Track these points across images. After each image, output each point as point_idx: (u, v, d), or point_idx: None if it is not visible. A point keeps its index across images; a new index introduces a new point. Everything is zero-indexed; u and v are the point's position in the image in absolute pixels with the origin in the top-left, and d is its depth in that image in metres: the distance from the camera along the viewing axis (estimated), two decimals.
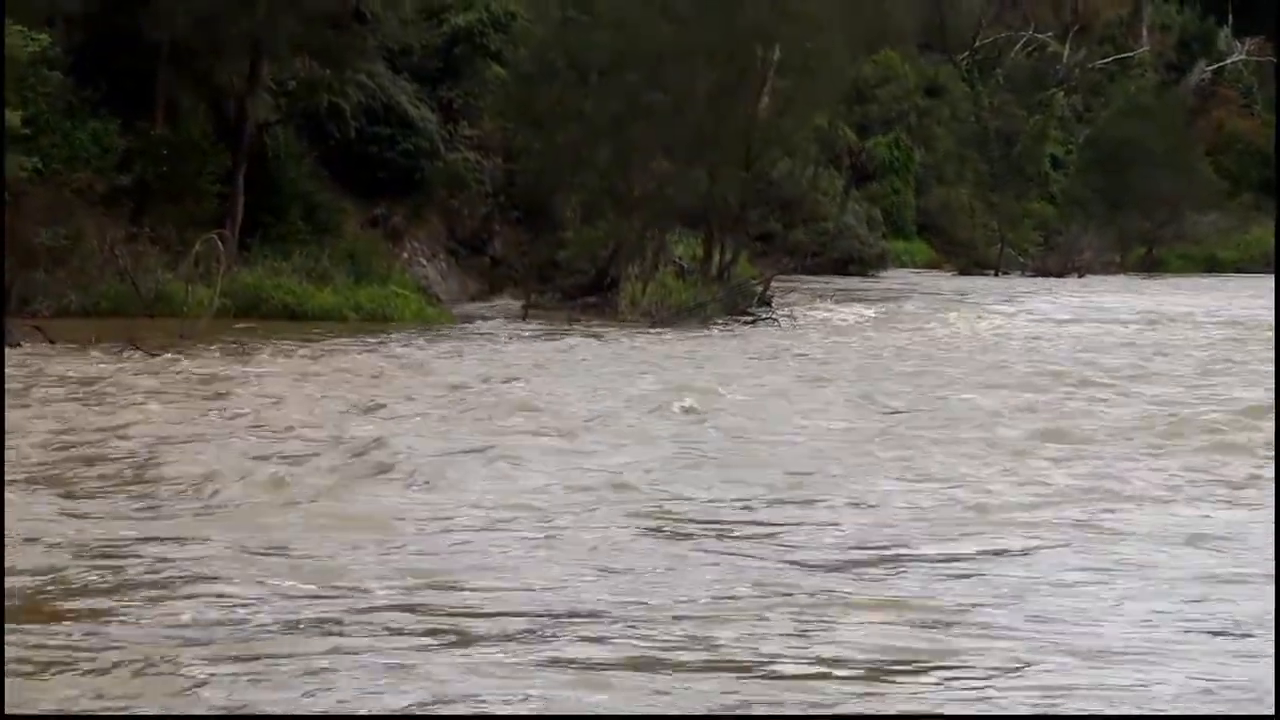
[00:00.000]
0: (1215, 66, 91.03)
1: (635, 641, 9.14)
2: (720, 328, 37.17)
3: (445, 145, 44.96)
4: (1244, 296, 50.93)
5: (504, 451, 16.12)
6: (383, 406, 19.85)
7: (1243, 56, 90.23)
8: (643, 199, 41.83)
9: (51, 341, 26.59)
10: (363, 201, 42.97)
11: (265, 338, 29.47)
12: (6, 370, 20.65)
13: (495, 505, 13.28)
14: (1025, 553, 11.88)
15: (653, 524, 12.68)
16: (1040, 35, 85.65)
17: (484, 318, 38.27)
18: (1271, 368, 27.05)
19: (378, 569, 10.81)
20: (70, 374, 22.79)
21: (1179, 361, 28.51)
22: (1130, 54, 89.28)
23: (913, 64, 76.84)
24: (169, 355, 25.60)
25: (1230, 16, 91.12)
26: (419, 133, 43.69)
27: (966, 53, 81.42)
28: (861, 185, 71.63)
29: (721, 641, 9.18)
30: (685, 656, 8.87)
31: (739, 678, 8.55)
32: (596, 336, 33.24)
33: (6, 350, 24.21)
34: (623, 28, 42.85)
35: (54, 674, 8.27)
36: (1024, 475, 15.32)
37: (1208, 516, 13.55)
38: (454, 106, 46.44)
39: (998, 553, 11.85)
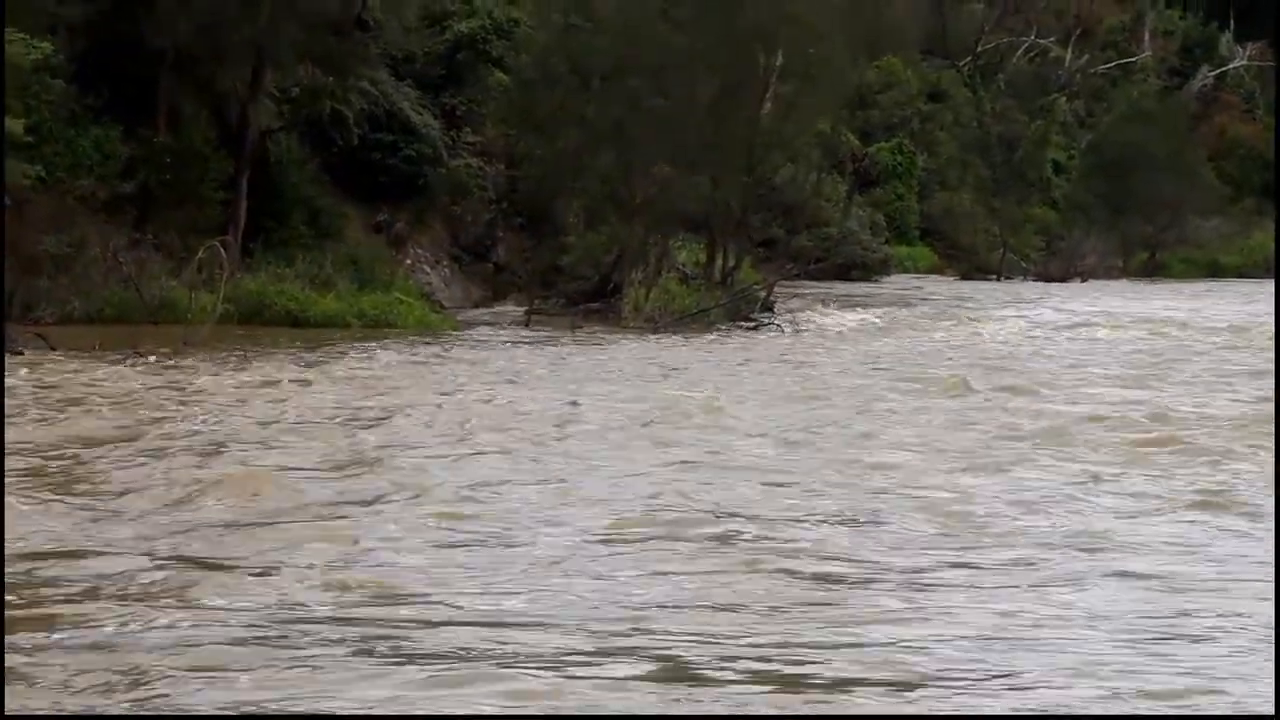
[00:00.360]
0: (1217, 72, 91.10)
1: (591, 651, 9.05)
2: (723, 334, 37.15)
3: (448, 151, 45.01)
4: (1244, 302, 50.90)
5: (473, 461, 15.99)
6: (359, 415, 19.73)
7: (1244, 62, 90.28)
8: (645, 205, 41.85)
9: (53, 348, 26.61)
10: (365, 208, 43.02)
11: (264, 344, 29.46)
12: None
13: (456, 516, 13.15)
14: (1005, 561, 11.78)
15: (618, 534, 12.50)
16: (1042, 40, 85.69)
17: (487, 324, 38.27)
18: (1249, 373, 27.16)
19: (329, 579, 10.69)
20: (65, 381, 22.78)
21: (1174, 369, 28.40)
22: (1132, 59, 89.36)
23: (915, 69, 76.90)
24: (165, 362, 25.56)
25: (1232, 22, 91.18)
26: (422, 139, 43.74)
27: (969, 58, 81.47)
28: (864, 191, 71.65)
29: (677, 651, 9.08)
30: (639, 667, 8.80)
31: (693, 686, 8.47)
32: (595, 343, 33.17)
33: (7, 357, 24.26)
34: (625, 33, 42.90)
35: None
36: (1009, 483, 15.18)
37: (1192, 522, 13.49)
38: (457, 113, 46.50)
39: (976, 563, 11.70)
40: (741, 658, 9.02)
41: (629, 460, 16.58)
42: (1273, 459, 16.59)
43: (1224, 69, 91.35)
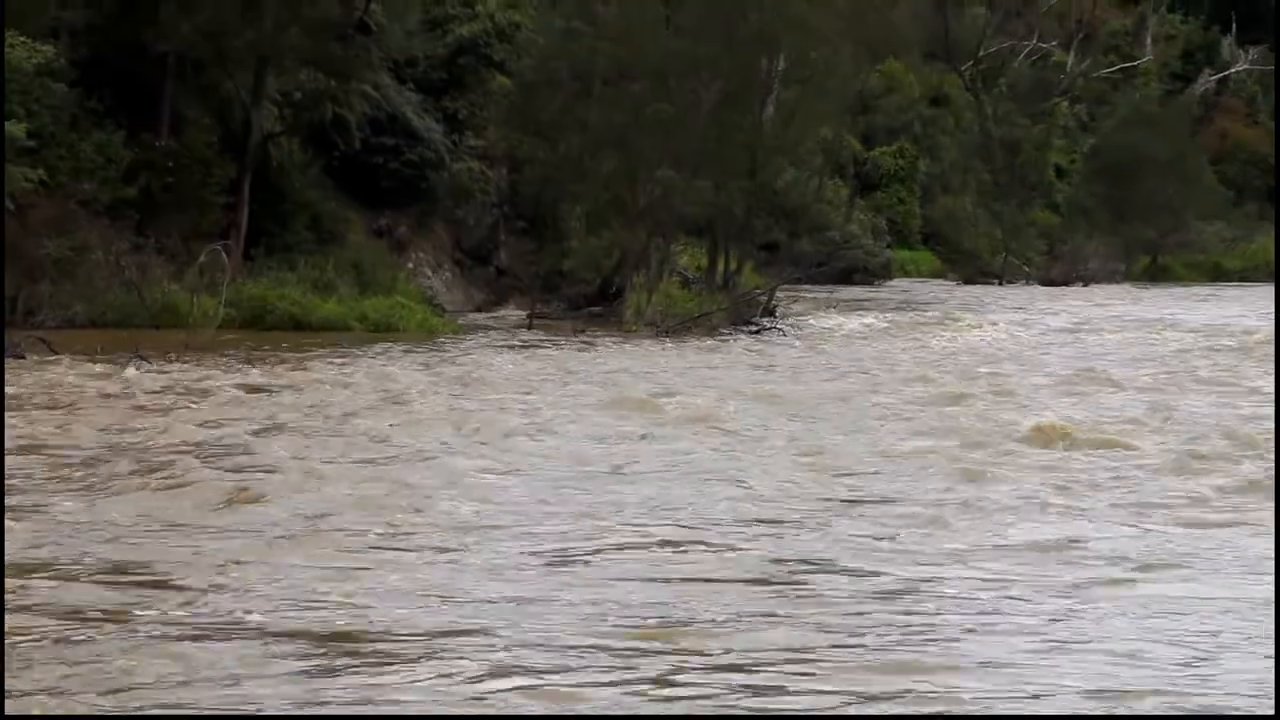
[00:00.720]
0: (1219, 76, 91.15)
1: (529, 664, 8.90)
2: (725, 337, 37.14)
3: (450, 155, 45.04)
4: (1244, 306, 50.85)
5: (433, 470, 15.70)
6: (327, 422, 19.46)
7: (1246, 66, 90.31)
8: (647, 209, 41.89)
9: (56, 353, 26.59)
10: (368, 212, 43.06)
11: (264, 349, 29.37)
12: None
13: (409, 524, 12.93)
14: (968, 570, 11.56)
15: (558, 548, 12.20)
16: (1044, 45, 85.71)
17: (488, 328, 38.23)
18: (1240, 377, 27.14)
19: (267, 590, 10.54)
20: (49, 386, 22.64)
21: (1169, 375, 28.27)
22: (1134, 63, 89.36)
23: (917, 74, 76.98)
24: (162, 367, 25.46)
25: (1234, 26, 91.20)
26: (424, 143, 43.78)
27: (970, 62, 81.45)
28: (866, 195, 71.76)
29: (632, 661, 8.92)
30: (591, 676, 8.67)
31: (644, 700, 8.33)
32: (592, 347, 32.95)
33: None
34: (627, 38, 42.92)
35: None
36: (977, 491, 14.94)
37: (1168, 530, 13.37)
38: (459, 117, 46.53)
39: (929, 577, 11.42)
40: (700, 669, 8.86)
41: (594, 466, 16.36)
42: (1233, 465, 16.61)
43: (1226, 73, 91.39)
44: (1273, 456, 16.70)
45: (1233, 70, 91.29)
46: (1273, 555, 11.84)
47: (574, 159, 43.77)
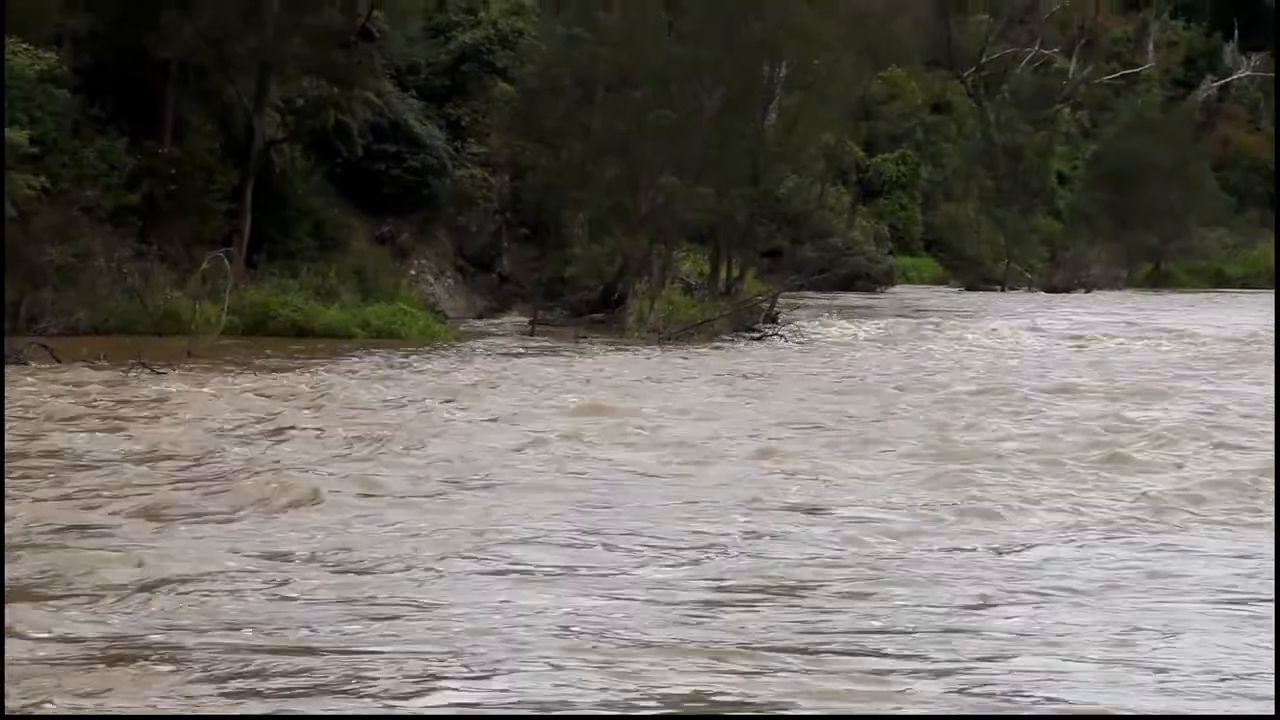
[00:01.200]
0: (1221, 82, 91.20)
1: (450, 680, 8.74)
2: (726, 344, 37.12)
3: (453, 162, 45.08)
4: (1244, 312, 50.81)
5: (362, 486, 15.26)
6: (288, 427, 19.26)
7: (1248, 72, 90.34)
8: (650, 216, 41.93)
9: (58, 360, 26.61)
10: (370, 219, 43.09)
11: (264, 355, 29.30)
12: None
13: (327, 542, 12.58)
14: (912, 586, 11.34)
15: (498, 560, 11.91)
16: (1046, 51, 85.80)
17: (490, 335, 38.21)
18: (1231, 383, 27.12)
19: (172, 604, 10.37)
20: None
21: (1162, 381, 28.20)
22: (1136, 70, 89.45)
23: (919, 81, 77.04)
24: (148, 373, 25.43)
25: (1236, 32, 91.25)
26: (426, 150, 43.81)
27: (973, 69, 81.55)
28: (868, 201, 71.83)
29: (529, 682, 8.70)
30: (507, 699, 8.49)
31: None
32: (583, 353, 32.85)
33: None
34: (629, 44, 42.99)
35: None
36: (957, 500, 14.80)
37: (1134, 539, 13.36)
38: (461, 124, 46.57)
39: (884, 583, 11.32)
40: (614, 689, 8.63)
41: (543, 477, 16.11)
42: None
43: (1228, 79, 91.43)
44: (1248, 464, 16.78)
45: (1235, 76, 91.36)
46: (1224, 568, 11.88)
47: (576, 166, 43.81)
